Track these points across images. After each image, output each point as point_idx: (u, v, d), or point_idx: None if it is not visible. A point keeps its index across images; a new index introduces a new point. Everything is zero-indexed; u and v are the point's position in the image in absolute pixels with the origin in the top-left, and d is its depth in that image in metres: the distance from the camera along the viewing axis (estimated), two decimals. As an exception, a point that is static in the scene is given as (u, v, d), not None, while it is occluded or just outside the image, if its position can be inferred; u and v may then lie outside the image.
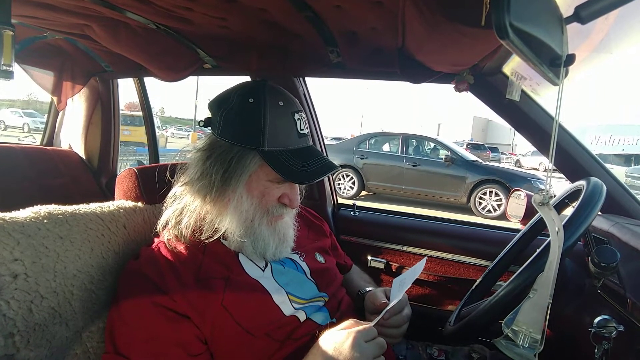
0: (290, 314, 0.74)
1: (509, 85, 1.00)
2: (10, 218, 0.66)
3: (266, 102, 0.73)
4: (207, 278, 0.71)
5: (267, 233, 0.77)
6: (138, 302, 0.66)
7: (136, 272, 0.71)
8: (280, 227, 0.80)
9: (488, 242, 1.32)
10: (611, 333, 0.67)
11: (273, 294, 0.74)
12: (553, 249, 0.60)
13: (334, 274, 0.92)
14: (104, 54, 1.61)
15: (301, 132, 0.77)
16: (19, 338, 0.60)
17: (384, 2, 0.83)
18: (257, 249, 0.77)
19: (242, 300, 0.71)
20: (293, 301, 0.76)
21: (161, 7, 0.99)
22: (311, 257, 0.89)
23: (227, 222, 0.75)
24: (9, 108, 21.37)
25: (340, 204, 1.62)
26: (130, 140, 9.68)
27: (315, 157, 0.77)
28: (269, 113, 0.73)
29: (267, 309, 0.73)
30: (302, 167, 0.73)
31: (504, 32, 0.42)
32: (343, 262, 1.06)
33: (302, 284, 0.81)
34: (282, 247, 0.80)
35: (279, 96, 0.76)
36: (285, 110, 0.75)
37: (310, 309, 0.77)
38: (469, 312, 0.83)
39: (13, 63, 1.08)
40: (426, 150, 7.83)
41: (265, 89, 0.76)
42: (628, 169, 11.47)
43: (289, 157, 0.74)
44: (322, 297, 0.82)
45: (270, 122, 0.73)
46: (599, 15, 0.54)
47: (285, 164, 0.73)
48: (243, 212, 0.75)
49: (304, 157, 0.75)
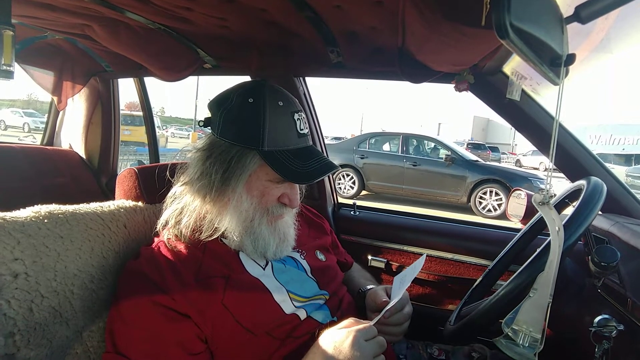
0: (291, 312, 0.74)
1: (509, 85, 1.00)
2: (10, 217, 0.66)
3: (266, 102, 0.73)
4: (207, 277, 0.71)
5: (267, 232, 0.77)
6: (138, 302, 0.66)
7: (136, 271, 0.71)
8: (281, 227, 0.79)
9: (488, 241, 1.32)
10: (611, 332, 0.67)
11: (274, 292, 0.74)
12: (553, 249, 0.60)
13: (334, 271, 0.92)
14: (104, 54, 1.61)
15: (301, 132, 0.76)
16: (19, 337, 0.60)
17: (384, 2, 0.83)
18: (257, 248, 0.77)
19: (242, 299, 0.71)
20: (294, 299, 0.76)
21: (161, 7, 0.99)
22: (312, 255, 0.89)
23: (227, 222, 0.75)
24: (9, 108, 21.37)
25: (340, 203, 1.62)
26: (131, 140, 9.69)
27: (315, 157, 0.76)
28: (268, 113, 0.72)
29: (268, 307, 0.73)
30: (301, 167, 0.73)
31: (504, 32, 0.42)
32: (344, 260, 1.06)
33: (302, 282, 0.81)
34: (283, 246, 0.80)
35: (278, 96, 0.75)
36: (285, 110, 0.75)
37: (311, 307, 0.77)
38: (469, 311, 0.83)
39: (13, 63, 1.08)
40: (426, 149, 7.83)
41: (265, 89, 0.75)
42: (628, 169, 11.46)
43: (289, 157, 0.73)
44: (323, 295, 0.82)
45: (269, 122, 0.72)
46: (599, 15, 0.54)
47: (284, 163, 0.72)
48: (243, 212, 0.75)
49: (303, 157, 0.75)
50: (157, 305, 0.65)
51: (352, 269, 1.09)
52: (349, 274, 1.06)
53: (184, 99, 46.93)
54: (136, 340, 0.64)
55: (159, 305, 0.65)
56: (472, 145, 17.10)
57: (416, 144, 7.93)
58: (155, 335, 0.64)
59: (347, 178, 7.78)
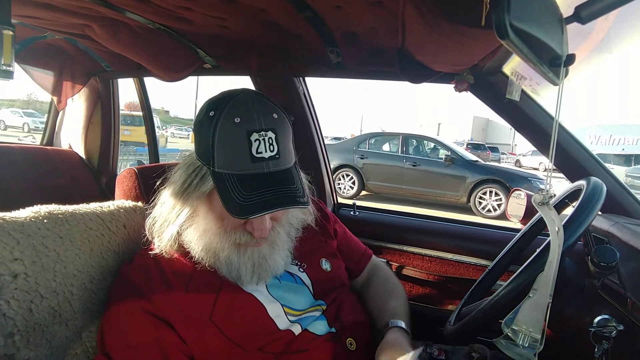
0: (285, 327, 0.71)
1: (509, 85, 1.00)
2: (10, 218, 0.66)
3: (220, 117, 0.65)
4: (196, 290, 0.69)
5: (236, 259, 0.70)
6: (124, 307, 0.67)
7: (126, 277, 0.71)
8: (254, 254, 0.71)
9: (488, 241, 1.32)
10: (611, 333, 0.67)
11: (267, 307, 0.71)
12: (553, 249, 0.60)
13: (339, 280, 0.85)
14: (104, 54, 1.61)
15: (257, 155, 0.65)
16: (19, 338, 0.60)
17: (384, 2, 0.83)
18: (230, 273, 0.71)
19: (233, 314, 0.69)
20: (288, 313, 0.73)
21: (161, 7, 0.99)
22: (315, 266, 0.83)
23: (194, 243, 0.71)
24: (8, 108, 21.34)
25: (340, 203, 1.62)
26: (130, 140, 9.67)
27: (267, 187, 0.64)
28: (218, 130, 0.65)
29: (261, 322, 0.70)
30: (242, 198, 0.63)
31: (504, 32, 0.42)
32: (353, 266, 0.97)
33: (298, 295, 0.77)
34: (263, 273, 0.72)
35: (240, 111, 0.65)
36: (239, 128, 0.64)
37: (307, 321, 0.74)
38: (469, 311, 0.83)
39: (13, 63, 1.08)
40: (426, 150, 7.83)
41: (232, 101, 0.67)
42: (628, 169, 11.47)
43: (234, 184, 0.65)
44: (320, 306, 0.78)
45: (218, 140, 0.65)
46: (599, 15, 0.54)
47: (228, 190, 0.64)
48: (203, 233, 0.70)
49: (251, 185, 0.64)
50: (142, 312, 0.66)
51: (376, 281, 0.96)
52: (370, 288, 0.94)
53: (184, 99, 46.88)
54: (120, 345, 0.64)
55: (144, 312, 0.66)
56: (471, 146, 17.09)
57: (416, 144, 7.93)
58: (138, 342, 0.64)
59: (347, 178, 7.78)
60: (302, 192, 0.67)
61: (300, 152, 1.61)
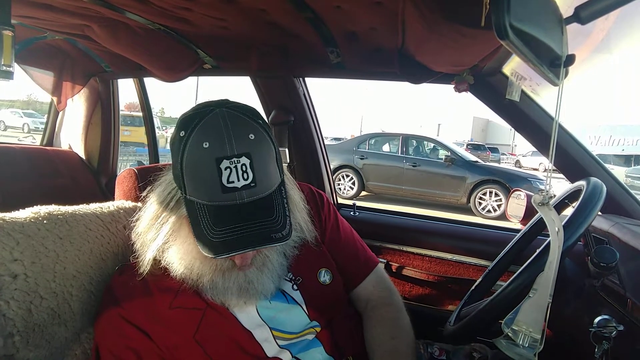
0: (274, 355, 0.67)
1: (508, 86, 1.00)
2: (10, 218, 0.66)
3: (188, 140, 0.58)
4: (181, 306, 0.67)
5: (221, 283, 0.65)
6: (105, 317, 0.68)
7: (111, 289, 0.70)
8: (239, 279, 0.65)
9: (488, 242, 1.32)
10: (611, 333, 0.67)
11: (254, 331, 0.67)
12: (553, 249, 0.60)
13: (337, 294, 0.79)
14: (104, 54, 1.61)
15: (228, 185, 0.57)
16: (18, 338, 0.60)
17: (384, 2, 0.83)
18: (215, 296, 0.66)
19: (218, 335, 0.66)
20: (278, 337, 0.68)
21: (161, 7, 0.99)
22: (312, 279, 0.76)
23: (175, 264, 0.66)
24: (8, 108, 21.31)
25: (340, 204, 1.62)
26: (130, 140, 9.66)
27: (237, 222, 0.58)
28: (186, 155, 0.59)
29: (246, 346, 0.66)
30: (212, 234, 0.57)
31: (504, 33, 0.42)
32: (350, 277, 0.84)
33: (290, 316, 0.71)
34: (250, 298, 0.66)
35: (209, 134, 0.58)
36: (208, 154, 0.57)
37: (297, 347, 0.69)
38: (469, 312, 0.83)
39: (13, 63, 1.08)
40: (426, 150, 7.83)
41: (203, 121, 0.59)
42: (628, 169, 11.47)
43: (205, 215, 0.58)
44: (313, 328, 0.72)
45: (187, 166, 0.59)
46: (599, 15, 0.54)
47: (199, 222, 0.58)
48: (184, 255, 0.65)
49: (222, 219, 0.58)
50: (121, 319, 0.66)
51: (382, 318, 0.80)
52: (373, 328, 0.79)
53: (184, 99, 46.83)
54: (104, 354, 0.66)
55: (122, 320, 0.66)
56: (471, 146, 17.10)
57: (416, 144, 7.94)
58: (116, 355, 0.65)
59: (347, 179, 7.78)
60: (282, 224, 0.59)
61: (300, 153, 1.61)
